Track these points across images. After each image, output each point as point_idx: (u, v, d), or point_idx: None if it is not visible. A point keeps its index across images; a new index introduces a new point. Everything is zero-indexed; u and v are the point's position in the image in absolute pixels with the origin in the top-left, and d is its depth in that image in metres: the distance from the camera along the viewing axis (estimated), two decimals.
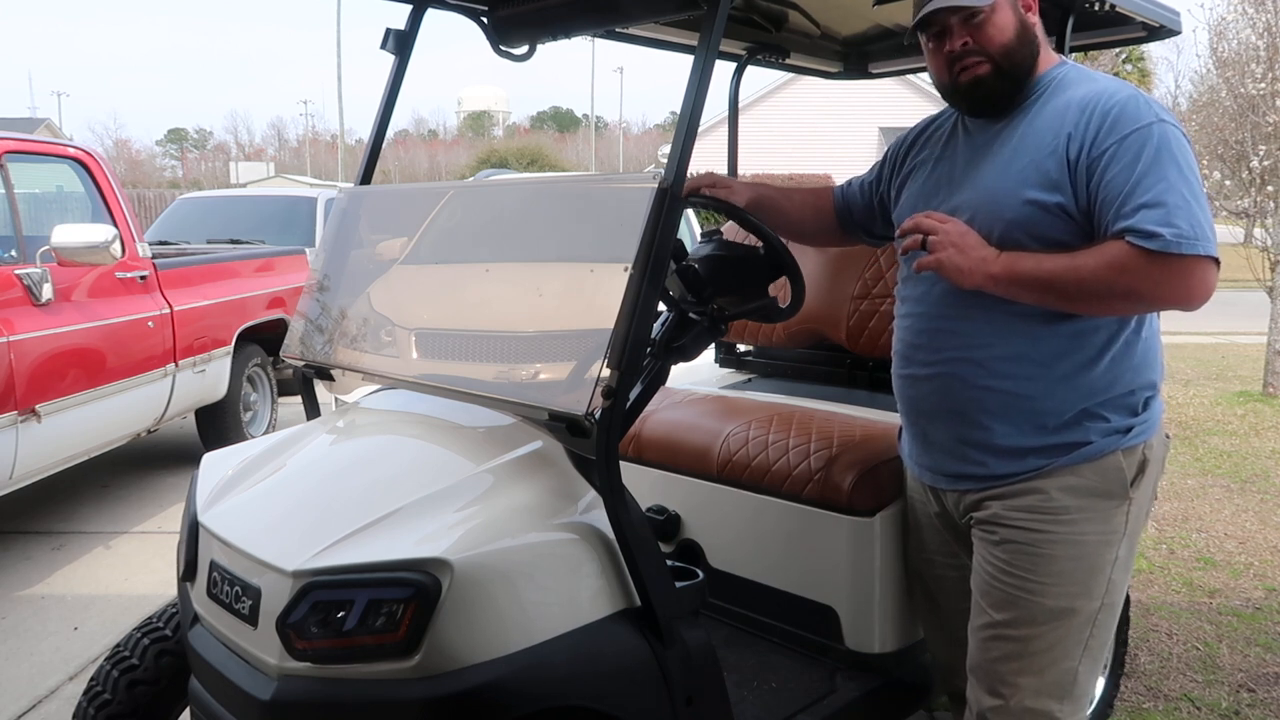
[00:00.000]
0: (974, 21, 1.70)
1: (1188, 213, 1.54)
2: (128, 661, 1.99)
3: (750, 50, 2.91)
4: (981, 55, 1.71)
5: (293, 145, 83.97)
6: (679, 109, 1.66)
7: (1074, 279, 1.60)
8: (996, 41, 1.70)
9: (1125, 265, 1.56)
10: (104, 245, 4.12)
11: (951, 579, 2.01)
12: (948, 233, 1.67)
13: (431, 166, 67.86)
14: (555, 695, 1.52)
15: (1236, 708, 2.96)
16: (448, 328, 2.29)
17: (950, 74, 1.76)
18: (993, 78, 1.72)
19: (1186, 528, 4.57)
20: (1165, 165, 1.57)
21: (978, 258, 1.65)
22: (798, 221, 2.16)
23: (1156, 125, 1.60)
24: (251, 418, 5.97)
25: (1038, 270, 1.63)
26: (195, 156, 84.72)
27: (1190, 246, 1.53)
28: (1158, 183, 1.56)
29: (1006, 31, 1.70)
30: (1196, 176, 1.60)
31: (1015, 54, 1.72)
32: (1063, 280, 1.61)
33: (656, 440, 2.53)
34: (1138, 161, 1.58)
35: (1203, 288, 1.57)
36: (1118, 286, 1.58)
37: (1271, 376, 7.54)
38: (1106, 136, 1.61)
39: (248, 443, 2.10)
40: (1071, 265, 1.61)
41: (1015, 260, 1.65)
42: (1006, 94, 1.75)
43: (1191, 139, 1.70)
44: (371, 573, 1.47)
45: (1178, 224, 1.53)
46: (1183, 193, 1.56)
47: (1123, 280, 1.57)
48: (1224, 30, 7.92)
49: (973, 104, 1.80)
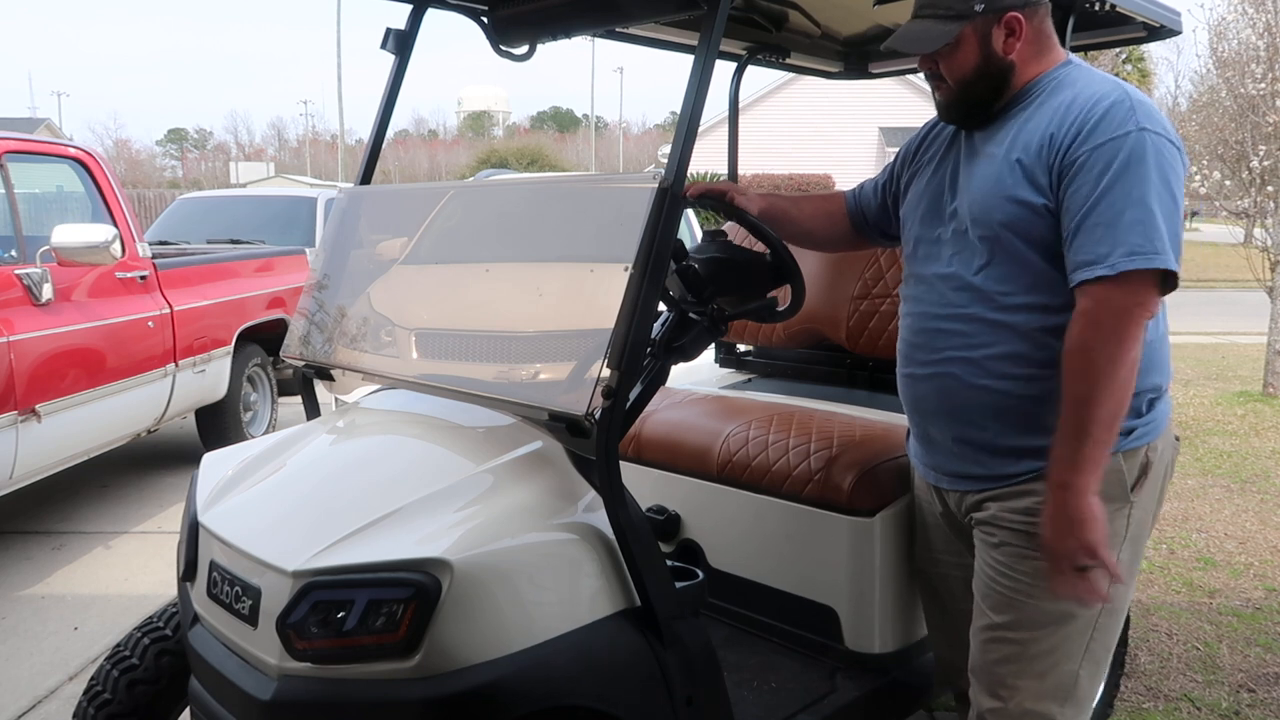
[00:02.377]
0: (938, 50, 1.75)
1: (1143, 229, 1.54)
2: (128, 661, 1.99)
3: (750, 50, 2.91)
4: (943, 82, 1.78)
5: (293, 145, 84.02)
6: (679, 109, 1.66)
7: (1097, 393, 1.57)
8: (954, 75, 1.76)
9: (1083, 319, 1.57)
10: (104, 245, 4.12)
11: (956, 579, 2.01)
12: (1050, 546, 1.64)
13: (431, 166, 67.88)
14: (555, 695, 1.52)
15: (1236, 708, 2.96)
16: (448, 328, 2.29)
17: (930, 87, 1.84)
18: (957, 102, 1.79)
19: (1186, 528, 4.57)
20: (1131, 180, 1.56)
21: (1066, 513, 1.61)
22: (809, 230, 2.15)
23: (1134, 135, 1.58)
24: (251, 418, 5.96)
25: (1088, 436, 1.58)
26: (195, 156, 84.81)
27: (1136, 261, 1.53)
28: (1118, 199, 1.56)
29: (964, 68, 1.75)
30: (1170, 188, 1.59)
31: (972, 87, 1.76)
32: (1072, 414, 1.59)
33: (656, 440, 2.53)
34: (1105, 174, 1.57)
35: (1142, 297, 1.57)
36: (1100, 340, 1.57)
37: (1271, 376, 7.54)
38: (1082, 143, 1.61)
39: (248, 443, 2.10)
40: (1064, 395, 1.60)
41: (1068, 462, 1.60)
42: (975, 114, 1.80)
43: (1192, 139, 1.70)
44: (371, 573, 1.47)
45: (1129, 241, 1.54)
46: (1149, 207, 1.55)
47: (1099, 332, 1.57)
48: (1224, 30, 7.92)
49: (946, 119, 1.87)
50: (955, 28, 1.70)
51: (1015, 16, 1.70)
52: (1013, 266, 1.70)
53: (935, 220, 1.85)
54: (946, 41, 1.71)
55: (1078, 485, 1.59)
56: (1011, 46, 1.73)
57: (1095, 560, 1.60)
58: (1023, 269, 1.70)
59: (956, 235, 1.79)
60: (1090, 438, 1.58)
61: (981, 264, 1.74)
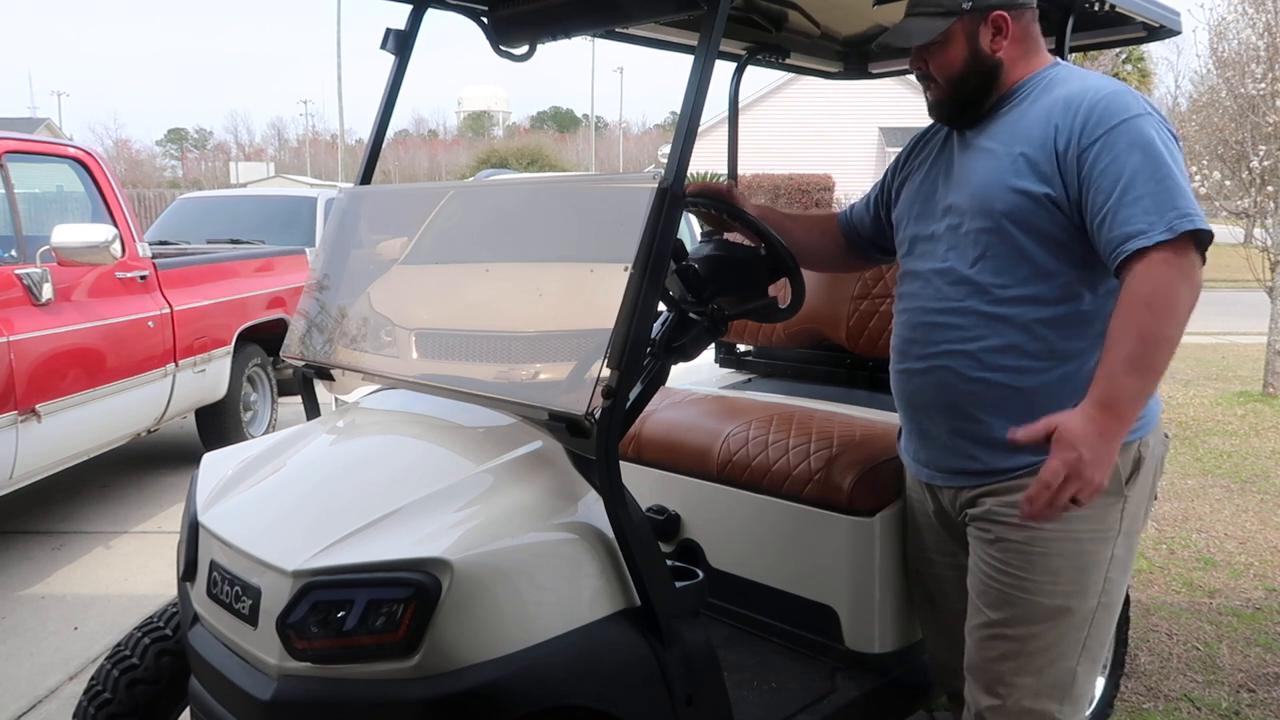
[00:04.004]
0: (926, 49, 1.79)
1: (1184, 195, 1.58)
2: (128, 661, 1.99)
3: (750, 50, 2.91)
4: (934, 81, 1.82)
5: (293, 145, 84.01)
6: (679, 109, 1.66)
7: (1170, 330, 1.56)
8: (944, 73, 1.80)
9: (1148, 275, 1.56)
10: (104, 245, 4.12)
11: (950, 578, 2.01)
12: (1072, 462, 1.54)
13: (431, 166, 67.88)
14: (555, 695, 1.52)
15: (1236, 708, 2.96)
16: (448, 328, 2.30)
17: (922, 87, 1.87)
18: (947, 101, 1.83)
19: (1186, 528, 4.57)
20: (1155, 153, 1.60)
21: (1089, 443, 1.53)
22: (804, 243, 2.15)
23: (1143, 117, 1.63)
24: (251, 418, 5.96)
25: (1151, 370, 1.55)
26: (195, 156, 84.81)
27: (1189, 223, 1.55)
28: (1153, 170, 1.59)
29: (954, 65, 1.78)
30: (1181, 166, 1.63)
31: (961, 85, 1.80)
32: (1139, 347, 1.55)
33: (656, 440, 2.54)
34: (1131, 151, 1.60)
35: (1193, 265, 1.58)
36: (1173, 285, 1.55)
37: (1271, 376, 7.54)
38: (1096, 127, 1.63)
39: (248, 443, 2.10)
40: (1126, 330, 1.56)
41: (1129, 392, 1.55)
42: (964, 113, 1.83)
43: (1192, 139, 1.72)
44: (371, 573, 1.47)
45: (1178, 205, 1.56)
46: (1177, 178, 1.60)
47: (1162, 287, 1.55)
48: (1224, 30, 7.92)
49: (937, 118, 1.90)
50: (944, 24, 1.75)
51: (1002, 15, 1.76)
52: (1009, 259, 1.72)
53: (929, 217, 1.87)
54: (936, 36, 1.75)
55: (1128, 416, 1.55)
56: (999, 45, 1.77)
57: (1093, 493, 1.55)
58: (1019, 261, 1.71)
59: (951, 230, 1.81)
60: (1155, 376, 1.56)
61: (977, 256, 1.75)
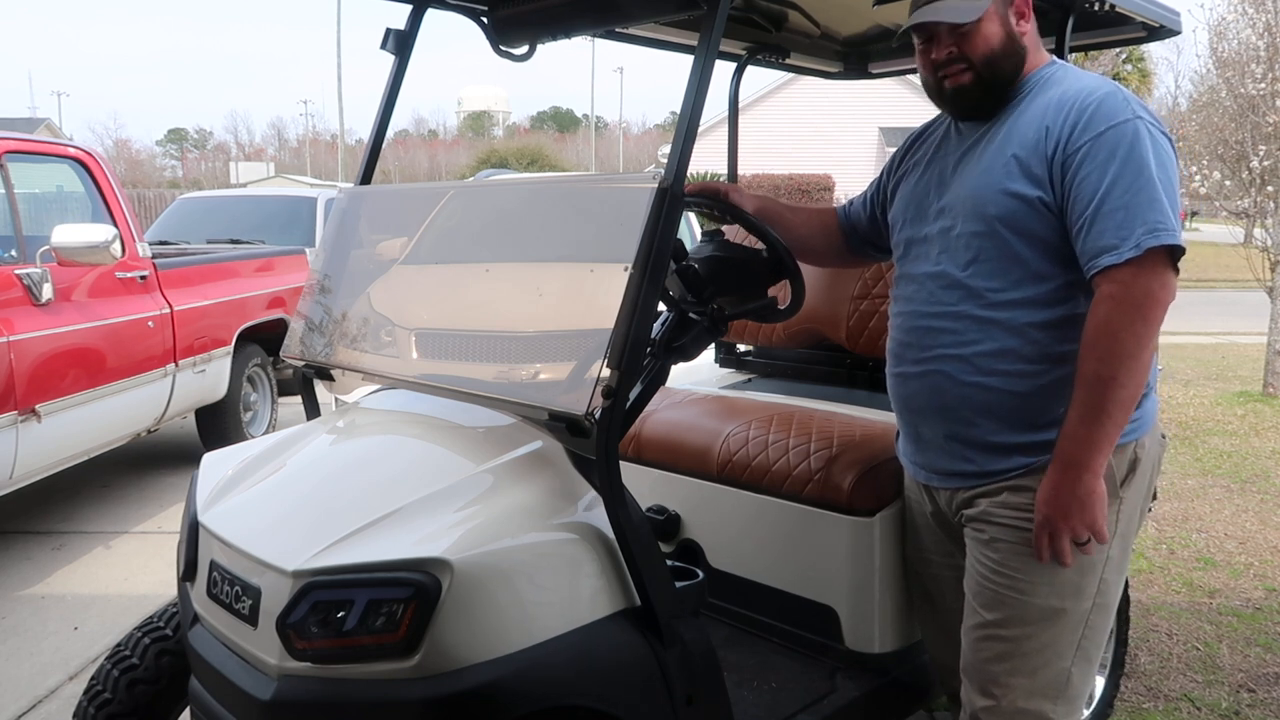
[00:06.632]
0: (961, 30, 1.74)
1: (1158, 207, 1.58)
2: (128, 661, 1.99)
3: (750, 50, 2.91)
4: (965, 64, 1.76)
5: (293, 145, 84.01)
6: (679, 109, 1.66)
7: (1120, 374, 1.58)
8: (980, 51, 1.74)
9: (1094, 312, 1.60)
10: (104, 245, 4.12)
11: (947, 579, 2.01)
12: (1051, 519, 1.67)
13: (431, 166, 67.87)
14: (555, 695, 1.52)
15: (1236, 708, 2.96)
16: (448, 328, 2.30)
17: (935, 79, 1.81)
18: (975, 86, 1.77)
19: (1186, 528, 4.57)
20: (1138, 163, 1.60)
21: (1075, 491, 1.64)
22: (804, 237, 2.15)
23: (1133, 122, 1.62)
24: (251, 418, 5.96)
25: (1108, 417, 1.61)
26: (195, 156, 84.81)
27: (1155, 239, 1.56)
28: (1130, 182, 1.59)
29: (991, 42, 1.74)
30: (1168, 172, 1.62)
31: (998, 64, 1.76)
32: (1086, 395, 1.61)
33: (656, 440, 2.54)
34: (1111, 160, 1.60)
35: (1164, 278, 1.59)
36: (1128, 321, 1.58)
37: (1271, 376, 7.54)
38: (1082, 133, 1.64)
39: (248, 443, 2.10)
40: (1079, 377, 1.62)
41: (1084, 442, 1.62)
42: (989, 101, 1.79)
43: (1192, 139, 1.72)
44: (371, 573, 1.47)
45: (1148, 220, 1.57)
46: (1156, 188, 1.59)
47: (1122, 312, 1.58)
48: (1224, 30, 7.93)
49: (957, 109, 1.86)
50: (986, 1, 1.72)
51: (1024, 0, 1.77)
52: (1002, 262, 1.72)
53: (923, 220, 1.87)
54: (982, 13, 1.72)
55: (1092, 465, 1.62)
56: (1024, 29, 1.77)
57: (1095, 536, 1.66)
58: (1012, 264, 1.71)
59: (944, 233, 1.80)
60: (1110, 419, 1.61)
61: (970, 260, 1.75)
